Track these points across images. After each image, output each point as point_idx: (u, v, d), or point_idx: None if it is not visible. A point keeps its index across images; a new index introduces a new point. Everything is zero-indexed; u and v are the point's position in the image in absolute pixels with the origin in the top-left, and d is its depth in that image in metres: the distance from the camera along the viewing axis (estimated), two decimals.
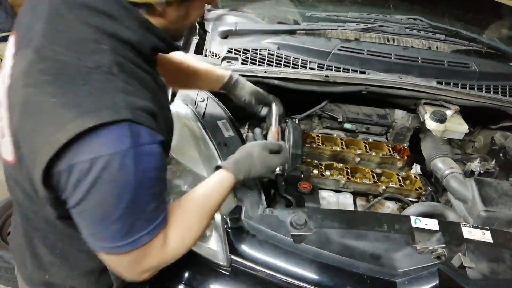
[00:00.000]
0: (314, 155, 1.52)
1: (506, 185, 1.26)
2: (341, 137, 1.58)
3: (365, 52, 1.59)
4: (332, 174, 1.42)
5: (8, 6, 4.09)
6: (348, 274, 1.01)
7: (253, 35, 1.64)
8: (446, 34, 1.72)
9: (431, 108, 1.53)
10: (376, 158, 1.52)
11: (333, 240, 1.05)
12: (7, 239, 2.02)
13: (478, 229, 1.11)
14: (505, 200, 1.21)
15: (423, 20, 1.73)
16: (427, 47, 1.72)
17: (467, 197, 1.25)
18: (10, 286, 1.90)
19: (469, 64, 1.62)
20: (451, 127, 1.49)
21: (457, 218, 1.26)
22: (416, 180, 1.44)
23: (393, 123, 1.66)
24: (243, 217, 1.08)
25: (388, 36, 1.71)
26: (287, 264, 1.03)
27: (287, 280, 1.02)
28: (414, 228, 1.10)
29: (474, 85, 1.59)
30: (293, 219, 1.08)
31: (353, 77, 1.53)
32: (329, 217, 1.12)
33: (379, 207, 1.40)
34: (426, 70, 1.59)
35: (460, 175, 1.34)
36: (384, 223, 1.11)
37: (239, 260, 1.05)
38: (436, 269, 0.98)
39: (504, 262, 1.04)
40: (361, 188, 1.42)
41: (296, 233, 1.06)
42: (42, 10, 0.66)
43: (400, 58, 1.59)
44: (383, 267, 1.01)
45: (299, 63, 1.55)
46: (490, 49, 1.77)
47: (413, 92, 1.54)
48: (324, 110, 1.63)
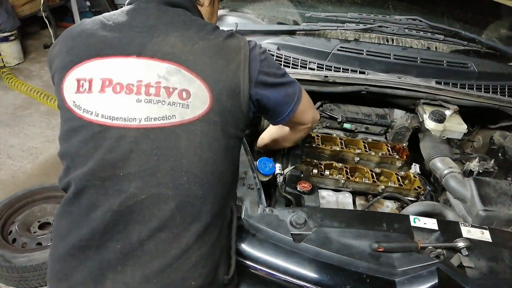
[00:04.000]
0: (314, 154, 1.53)
1: (504, 184, 1.27)
2: (340, 137, 1.58)
3: (365, 52, 1.59)
4: (331, 174, 1.43)
5: (9, 7, 4.10)
6: (348, 273, 1.01)
7: (253, 36, 1.65)
8: (445, 34, 1.73)
9: (430, 108, 1.53)
10: (376, 157, 1.52)
11: (333, 239, 1.05)
12: (8, 238, 2.03)
13: (477, 228, 1.12)
14: (504, 200, 1.22)
15: (422, 20, 1.74)
16: (426, 47, 1.73)
17: (466, 196, 1.25)
18: (10, 285, 1.91)
19: (468, 64, 1.62)
20: (450, 126, 1.50)
21: (456, 217, 1.26)
22: (415, 180, 1.44)
23: (392, 123, 1.66)
24: (243, 216, 1.08)
25: (388, 37, 1.72)
26: (287, 263, 1.03)
27: (287, 279, 1.02)
28: (413, 227, 1.10)
29: (473, 85, 1.60)
30: (293, 218, 1.08)
31: (352, 77, 1.54)
32: (329, 216, 1.13)
33: (378, 207, 1.40)
34: (425, 70, 1.59)
35: (459, 174, 1.35)
36: (383, 223, 1.11)
37: (239, 259, 1.05)
38: (435, 268, 0.98)
39: (503, 261, 1.04)
40: (360, 188, 1.42)
41: (295, 232, 1.07)
42: (141, 20, 0.88)
43: (399, 58, 1.60)
44: (382, 266, 1.01)
45: (299, 63, 1.55)
46: (489, 49, 1.77)
47: (412, 92, 1.55)
48: (324, 110, 1.64)
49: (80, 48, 0.86)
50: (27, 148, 3.06)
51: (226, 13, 1.82)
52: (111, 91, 0.82)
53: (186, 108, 0.82)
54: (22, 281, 1.87)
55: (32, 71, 4.29)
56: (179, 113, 0.82)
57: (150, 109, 0.81)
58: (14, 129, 3.29)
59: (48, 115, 3.51)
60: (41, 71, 4.30)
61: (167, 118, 0.81)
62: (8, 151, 3.00)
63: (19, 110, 3.56)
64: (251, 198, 1.15)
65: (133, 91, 0.81)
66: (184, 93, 0.82)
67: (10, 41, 4.16)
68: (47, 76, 4.21)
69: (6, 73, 3.99)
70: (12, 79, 3.92)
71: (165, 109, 0.81)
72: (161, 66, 0.82)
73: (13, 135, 3.21)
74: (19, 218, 2.13)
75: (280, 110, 1.01)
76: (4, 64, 4.23)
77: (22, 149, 3.05)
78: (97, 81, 0.83)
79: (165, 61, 0.82)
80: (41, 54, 4.63)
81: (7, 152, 3.00)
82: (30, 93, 3.74)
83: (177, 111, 0.81)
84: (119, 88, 0.82)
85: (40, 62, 4.46)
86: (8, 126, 3.32)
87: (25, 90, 3.78)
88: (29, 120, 3.43)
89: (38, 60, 4.50)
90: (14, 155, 2.96)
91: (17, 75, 4.10)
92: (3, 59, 4.21)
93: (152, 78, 0.82)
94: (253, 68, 0.89)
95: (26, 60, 4.46)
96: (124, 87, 0.82)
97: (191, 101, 0.82)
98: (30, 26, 4.92)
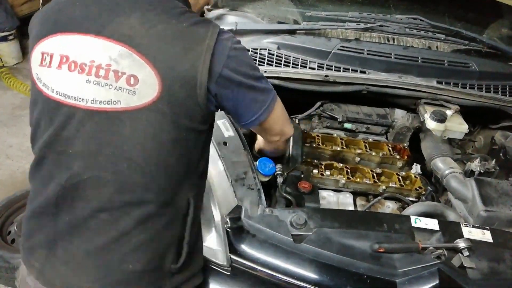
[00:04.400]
0: (314, 154, 1.52)
1: (506, 184, 1.26)
2: (341, 137, 1.58)
3: (365, 51, 1.59)
4: (332, 174, 1.42)
5: (8, 6, 4.09)
6: (348, 274, 1.01)
7: (253, 35, 1.64)
8: (446, 34, 1.72)
9: (431, 108, 1.53)
10: (376, 157, 1.52)
11: (333, 240, 1.05)
12: (7, 239, 2.02)
13: (478, 228, 1.11)
14: (505, 200, 1.21)
15: (423, 19, 1.73)
16: (427, 47, 1.72)
17: (467, 196, 1.25)
18: (10, 286, 1.90)
19: (469, 63, 1.62)
20: (451, 126, 1.49)
21: (457, 217, 1.26)
22: (416, 180, 1.43)
23: (393, 123, 1.66)
24: (243, 217, 1.08)
25: (388, 36, 1.71)
26: (287, 264, 1.03)
27: (287, 280, 1.02)
28: (414, 228, 1.10)
29: (474, 84, 1.59)
30: (293, 219, 1.08)
31: (353, 77, 1.53)
32: (329, 217, 1.12)
33: (379, 207, 1.39)
34: (426, 69, 1.59)
35: (460, 174, 1.34)
36: (384, 223, 1.11)
37: (239, 260, 1.05)
38: (436, 269, 0.98)
39: (504, 261, 1.04)
40: (361, 188, 1.42)
41: (296, 232, 1.06)
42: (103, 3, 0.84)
43: (400, 57, 1.59)
44: (383, 267, 1.01)
45: (299, 63, 1.55)
46: (490, 49, 1.77)
47: (413, 92, 1.54)
48: (324, 110, 1.63)
49: (49, 21, 0.86)
50: (26, 148, 3.05)
51: (226, 12, 1.82)
52: (66, 68, 0.82)
53: (132, 95, 0.80)
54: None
55: None
56: (124, 99, 0.80)
57: (97, 92, 0.81)
58: (13, 128, 3.28)
59: None
60: None
61: (112, 103, 0.80)
62: (7, 151, 3.00)
63: (17, 110, 3.55)
64: (251, 198, 1.14)
65: (85, 71, 0.81)
66: (132, 79, 0.79)
67: (9, 41, 4.15)
68: None
69: (5, 72, 3.98)
70: (11, 79, 3.91)
71: (112, 93, 0.80)
72: (115, 48, 0.80)
73: (12, 135, 3.20)
74: (18, 219, 2.12)
75: (241, 113, 0.94)
76: (2, 63, 4.22)
77: (20, 149, 3.04)
78: (57, 57, 0.83)
79: (120, 43, 0.80)
80: None
81: (6, 152, 2.99)
82: (29, 92, 3.73)
83: (123, 97, 0.80)
84: (73, 67, 0.82)
85: None
86: (7, 125, 3.31)
87: (24, 89, 3.77)
88: (27, 120, 3.37)
89: None
90: (13, 155, 2.95)
91: (16, 74, 4.09)
92: (1, 58, 4.20)
93: (103, 60, 0.80)
94: (217, 61, 0.82)
95: (25, 60, 4.44)
96: (78, 65, 0.82)
97: (138, 88, 0.79)
98: None
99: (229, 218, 1.08)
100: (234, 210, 1.09)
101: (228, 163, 1.22)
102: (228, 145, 1.25)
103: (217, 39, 0.82)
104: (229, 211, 1.10)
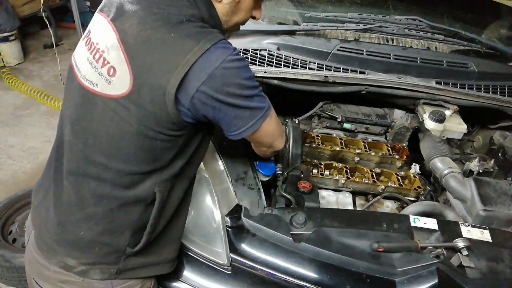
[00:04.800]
0: (314, 154, 1.53)
1: (504, 184, 1.27)
2: (340, 137, 1.58)
3: (365, 52, 1.59)
4: (331, 174, 1.43)
5: (9, 7, 4.11)
6: (348, 273, 1.01)
7: (253, 36, 1.65)
8: (445, 35, 1.73)
9: (430, 108, 1.53)
10: (375, 157, 1.52)
11: (333, 239, 1.05)
12: (8, 238, 2.03)
13: (477, 228, 1.12)
14: (504, 200, 1.22)
15: (422, 20, 1.74)
16: (426, 47, 1.73)
17: (466, 196, 1.26)
18: (11, 285, 1.91)
19: (468, 64, 1.62)
20: (450, 126, 1.50)
21: (456, 217, 1.26)
22: (415, 180, 1.44)
23: (392, 123, 1.66)
24: (243, 216, 1.08)
25: (388, 37, 1.72)
26: (287, 263, 1.03)
27: (287, 279, 1.02)
28: (413, 227, 1.11)
29: (473, 85, 1.60)
30: (293, 218, 1.09)
31: (352, 77, 1.54)
32: (329, 216, 1.13)
33: (378, 207, 1.40)
34: (425, 70, 1.59)
35: (459, 174, 1.35)
36: (383, 222, 1.11)
37: (239, 259, 1.05)
38: (435, 268, 0.99)
39: (503, 261, 1.04)
40: (360, 188, 1.42)
41: (295, 232, 1.07)
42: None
43: (399, 58, 1.60)
44: (382, 266, 1.02)
45: (299, 63, 1.55)
46: (489, 49, 1.77)
47: (412, 92, 1.55)
48: (324, 110, 1.64)
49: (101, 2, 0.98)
50: (27, 148, 3.06)
51: None
52: (84, 42, 0.94)
53: (108, 83, 0.87)
54: (23, 281, 1.87)
55: (32, 71, 4.29)
56: (102, 84, 0.88)
57: (88, 70, 0.90)
58: (14, 129, 3.29)
59: (48, 115, 3.51)
60: (41, 71, 4.30)
61: (93, 84, 0.89)
62: (8, 151, 3.01)
63: (19, 110, 3.56)
64: (251, 198, 1.15)
65: (90, 49, 0.91)
66: (112, 70, 0.86)
67: (10, 41, 4.16)
68: (47, 76, 4.21)
69: (6, 73, 3.99)
70: (12, 79, 3.92)
71: (95, 76, 0.89)
72: (113, 39, 0.86)
73: (13, 135, 3.21)
74: (19, 218, 2.13)
75: (224, 127, 0.93)
76: (4, 64, 4.23)
77: (22, 149, 3.05)
78: (87, 30, 0.96)
79: (117, 36, 0.86)
80: (41, 54, 4.63)
81: (7, 152, 3.00)
82: (30, 93, 3.74)
83: (101, 83, 0.88)
84: (87, 42, 0.93)
85: (40, 62, 4.46)
86: (8, 126, 3.32)
87: (25, 90, 3.78)
88: (29, 120, 3.43)
89: (38, 60, 4.50)
90: (14, 155, 2.96)
91: (17, 75, 4.10)
92: (3, 59, 4.21)
93: (102, 45, 0.88)
94: (193, 77, 0.81)
95: (26, 60, 4.46)
96: (89, 43, 0.92)
97: (113, 80, 0.86)
98: (30, 26, 4.91)
99: (229, 217, 1.09)
100: (234, 209, 1.10)
101: (228, 163, 1.23)
102: (228, 145, 1.26)
103: (203, 55, 0.81)
104: (229, 211, 1.10)
